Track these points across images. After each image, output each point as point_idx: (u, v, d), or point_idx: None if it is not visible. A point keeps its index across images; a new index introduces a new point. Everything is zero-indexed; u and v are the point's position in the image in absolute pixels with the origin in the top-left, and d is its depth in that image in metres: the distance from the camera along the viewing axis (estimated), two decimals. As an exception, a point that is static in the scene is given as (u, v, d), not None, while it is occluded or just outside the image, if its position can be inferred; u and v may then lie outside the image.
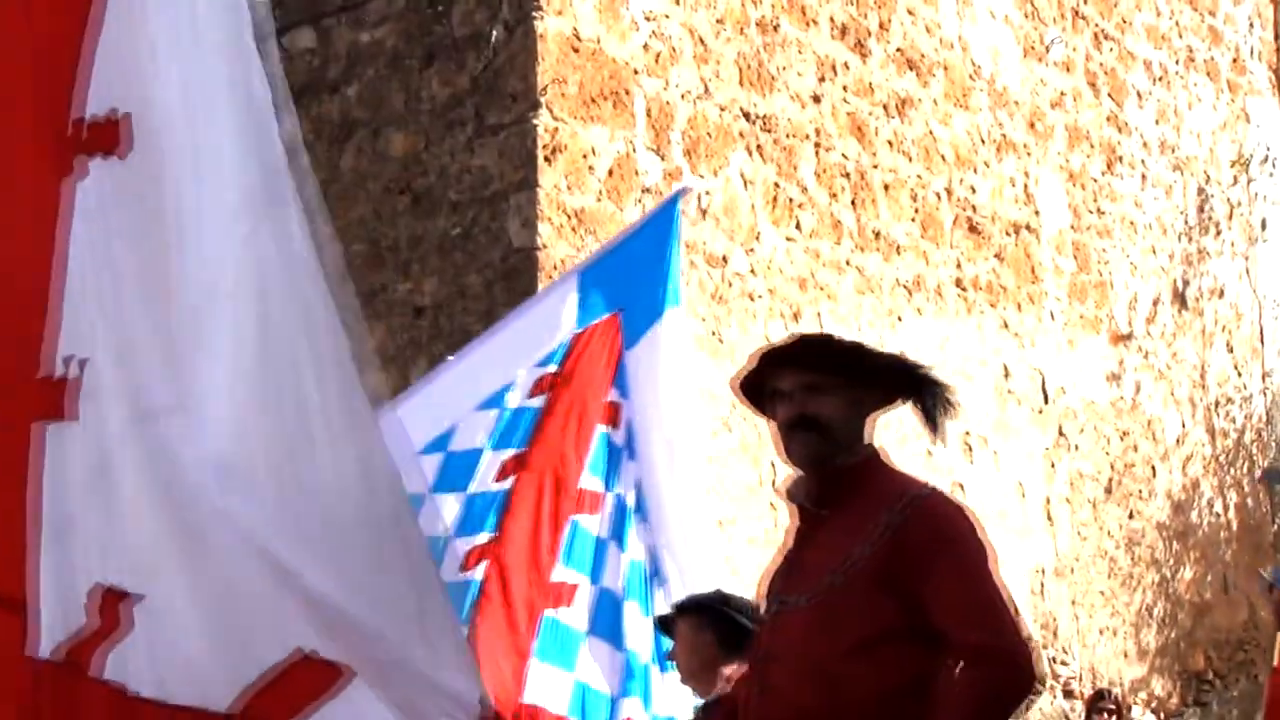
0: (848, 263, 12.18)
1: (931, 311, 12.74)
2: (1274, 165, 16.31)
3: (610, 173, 10.81)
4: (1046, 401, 13.65)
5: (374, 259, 11.11)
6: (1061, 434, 13.79)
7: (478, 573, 6.32)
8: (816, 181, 12.06)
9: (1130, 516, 14.23)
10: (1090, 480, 13.97)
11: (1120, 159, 14.73)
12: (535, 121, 10.52)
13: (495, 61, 10.76)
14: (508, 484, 6.47)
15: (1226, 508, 15.27)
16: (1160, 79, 15.31)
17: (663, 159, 11.11)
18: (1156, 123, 15.18)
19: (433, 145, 10.98)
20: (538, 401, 6.63)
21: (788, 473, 4.44)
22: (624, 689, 6.40)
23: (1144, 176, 14.97)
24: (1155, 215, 15.02)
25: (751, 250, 11.55)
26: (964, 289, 13.04)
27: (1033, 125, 13.89)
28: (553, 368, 6.70)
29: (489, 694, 6.27)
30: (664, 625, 6.14)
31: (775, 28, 11.94)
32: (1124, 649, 13.89)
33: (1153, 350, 14.81)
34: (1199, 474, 15.05)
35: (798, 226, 11.88)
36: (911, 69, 12.91)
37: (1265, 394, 15.92)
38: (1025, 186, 13.72)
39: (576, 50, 10.76)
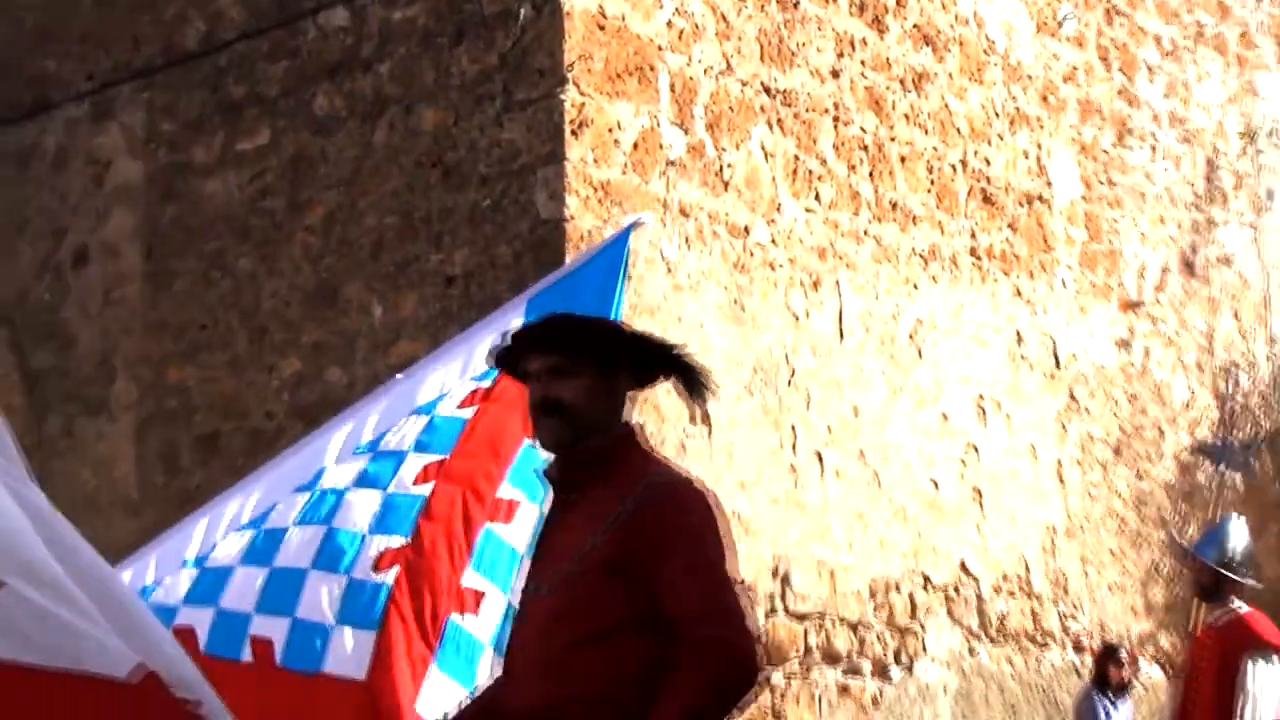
0: (866, 233, 12.18)
1: (947, 280, 12.75)
2: (1279, 138, 16.25)
3: (635, 146, 10.82)
4: (1058, 367, 13.65)
5: (406, 230, 11.15)
6: (1072, 398, 13.79)
7: (389, 576, 6.13)
8: (835, 154, 12.06)
9: (1139, 477, 14.22)
10: (1100, 443, 13.97)
11: (1130, 131, 14.71)
12: (562, 96, 10.54)
13: (523, 38, 10.78)
14: (427, 489, 6.29)
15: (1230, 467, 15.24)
16: (1170, 54, 15.26)
17: (686, 133, 11.13)
18: (1166, 96, 15.14)
19: (463, 120, 11.00)
20: (466, 413, 6.45)
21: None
22: None
23: (1154, 148, 14.93)
24: (1164, 186, 14.98)
25: (772, 221, 11.56)
26: (978, 258, 13.04)
27: (1045, 99, 13.86)
28: (485, 384, 6.50)
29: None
30: None
31: (795, 4, 11.94)
32: (1132, 604, 13.88)
33: (1161, 317, 14.79)
34: (1206, 437, 15.03)
35: (817, 198, 11.89)
36: (927, 44, 12.89)
37: (1270, 360, 15.89)
38: (1038, 158, 13.70)
39: (602, 27, 10.77)
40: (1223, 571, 8.69)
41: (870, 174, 12.29)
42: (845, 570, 11.76)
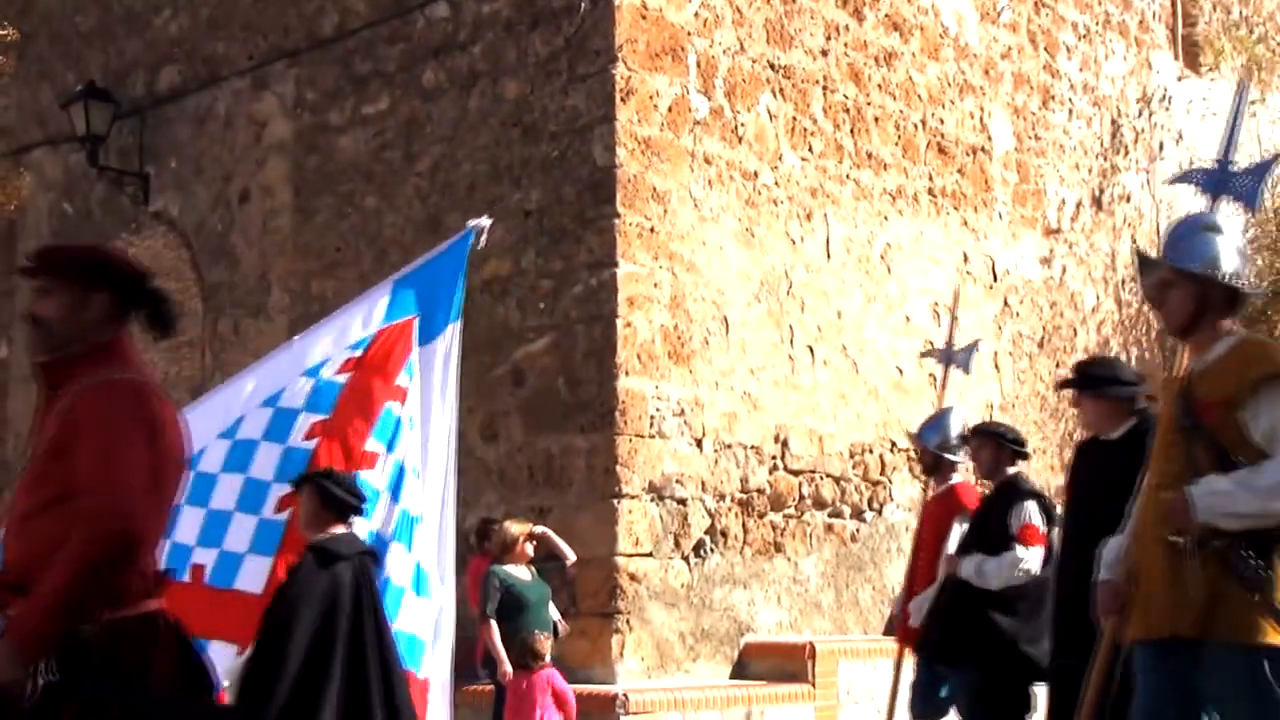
0: (847, 176, 12.12)
1: (910, 213, 12.67)
2: (1169, 102, 16.10)
3: (670, 109, 10.78)
4: (995, 280, 13.58)
5: (494, 175, 11.13)
6: (1006, 304, 13.73)
7: (286, 515, 6.25)
8: (824, 115, 11.98)
9: (1057, 366, 14.18)
10: (1027, 339, 13.93)
11: (1053, 97, 14.55)
12: (613, 71, 10.50)
13: (583, 26, 10.72)
14: (312, 444, 6.32)
15: (1129, 359, 15.17)
16: (1084, 36, 15.08)
17: (709, 99, 11.06)
18: (1081, 70, 14.98)
19: (537, 90, 10.96)
20: (342, 378, 6.44)
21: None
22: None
23: (1071, 111, 14.79)
24: (1079, 140, 14.85)
25: (775, 167, 11.51)
26: (934, 196, 12.95)
27: (987, 72, 13.71)
28: (358, 353, 6.48)
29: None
30: (297, 486, 6.11)
31: (794, -1, 11.84)
32: (1051, 464, 13.86)
33: (1075, 241, 14.70)
34: (1109, 334, 14.99)
35: (810, 149, 11.82)
36: (896, 30, 12.76)
37: (1160, 274, 15.78)
38: (981, 119, 13.57)
39: (644, 17, 10.70)
40: (940, 453, 8.20)
41: (851, 131, 12.21)
42: (830, 437, 11.77)
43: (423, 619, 6.31)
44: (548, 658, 8.66)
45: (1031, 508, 7.21)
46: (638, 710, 9.37)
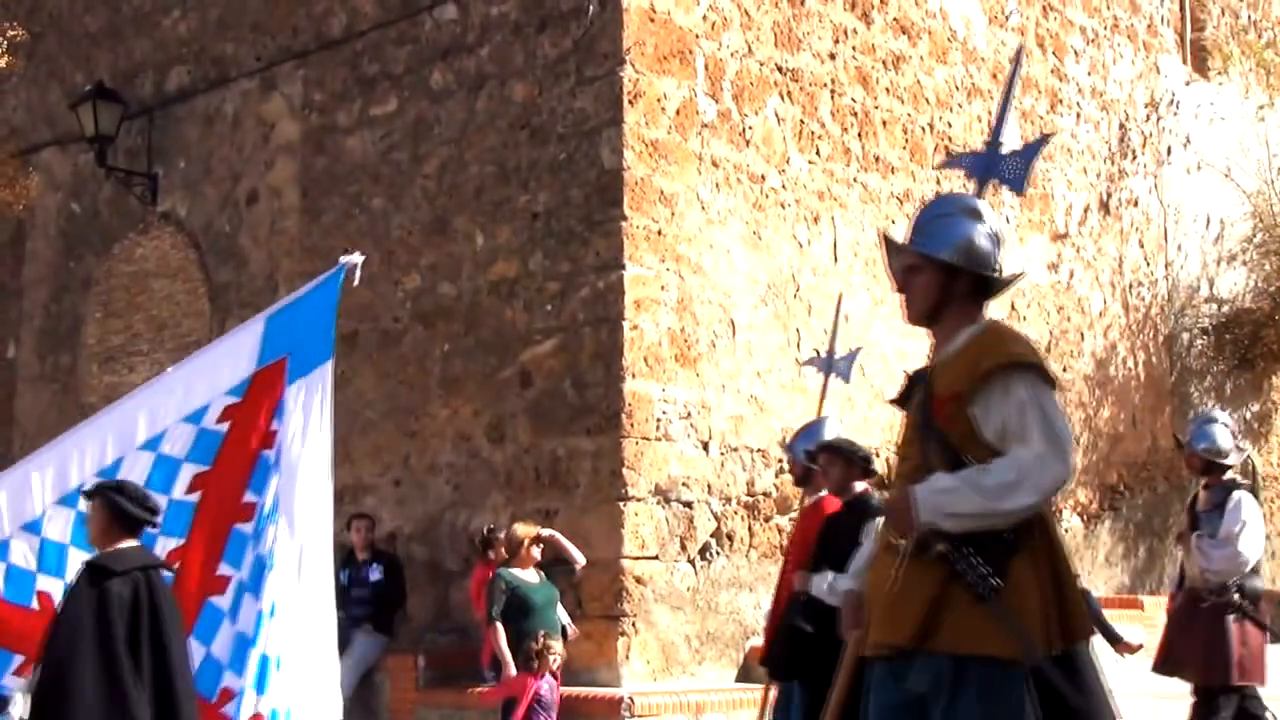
0: (855, 180, 12.10)
1: (917, 216, 12.64)
2: (1177, 106, 16.07)
3: (678, 112, 10.77)
4: (1002, 284, 13.52)
5: (502, 177, 11.11)
6: (1013, 308, 13.70)
7: (174, 569, 6.17)
8: (832, 119, 11.96)
9: (1064, 370, 14.15)
10: (1035, 343, 13.88)
11: (1061, 101, 14.53)
12: (621, 74, 10.48)
13: (591, 29, 10.72)
14: (194, 498, 6.27)
15: (1136, 363, 15.16)
16: (1092, 40, 15.06)
17: (717, 102, 11.05)
18: (1089, 74, 14.95)
19: (545, 92, 10.95)
20: (222, 428, 6.36)
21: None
22: (233, 661, 6.14)
23: (1078, 115, 14.76)
24: (1086, 144, 14.83)
25: (783, 170, 11.49)
26: (942, 199, 12.91)
27: (995, 76, 13.70)
28: (235, 399, 6.39)
29: None
30: (89, 496, 5.96)
31: (801, 2, 11.82)
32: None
33: (1083, 246, 14.67)
34: (1116, 338, 14.96)
35: (817, 153, 11.80)
36: (904, 33, 12.74)
37: (1167, 279, 15.79)
38: (988, 123, 13.54)
39: (652, 20, 10.69)
40: (810, 465, 7.91)
41: (859, 134, 12.19)
42: (836, 439, 11.73)
43: (251, 668, 6.14)
44: (555, 659, 8.66)
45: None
46: (643, 713, 9.35)
